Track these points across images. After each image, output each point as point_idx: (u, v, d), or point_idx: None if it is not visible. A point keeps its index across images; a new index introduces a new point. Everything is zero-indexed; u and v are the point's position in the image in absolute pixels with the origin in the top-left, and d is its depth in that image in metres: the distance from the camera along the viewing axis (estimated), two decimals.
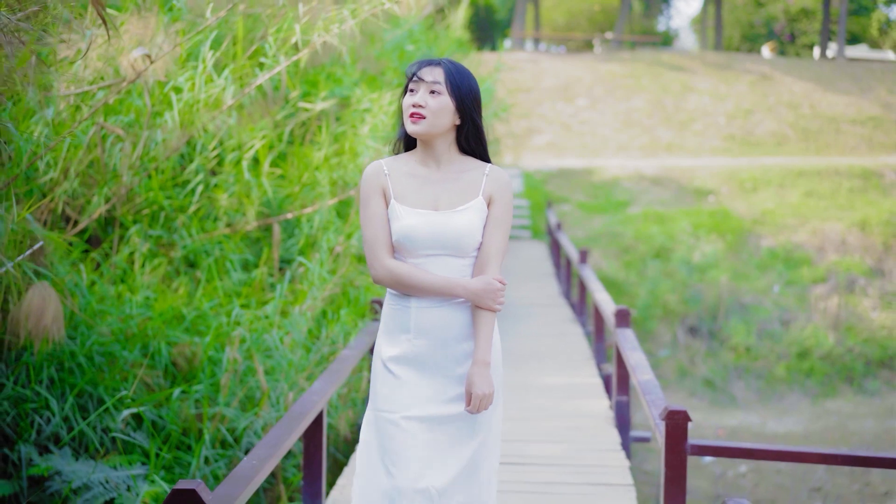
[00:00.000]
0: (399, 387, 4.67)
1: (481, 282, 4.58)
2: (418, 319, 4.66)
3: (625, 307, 9.69)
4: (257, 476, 5.11)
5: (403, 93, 4.72)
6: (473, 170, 4.75)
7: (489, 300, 4.57)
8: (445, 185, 4.71)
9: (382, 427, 4.66)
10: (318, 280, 10.38)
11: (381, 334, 4.82)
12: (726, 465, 18.25)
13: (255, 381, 8.97)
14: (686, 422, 6.01)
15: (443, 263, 4.65)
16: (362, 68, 14.04)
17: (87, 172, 9.76)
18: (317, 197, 11.44)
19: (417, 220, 4.61)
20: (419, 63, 4.70)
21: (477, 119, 4.74)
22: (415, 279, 4.61)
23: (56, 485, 7.61)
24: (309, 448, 6.87)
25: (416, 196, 4.69)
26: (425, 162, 4.74)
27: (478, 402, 4.53)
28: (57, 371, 8.41)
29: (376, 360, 4.78)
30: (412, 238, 4.61)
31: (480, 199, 4.69)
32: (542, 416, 10.11)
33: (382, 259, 4.66)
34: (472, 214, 4.65)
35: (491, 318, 4.63)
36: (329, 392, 6.89)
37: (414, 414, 4.61)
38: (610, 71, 43.81)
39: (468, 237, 4.63)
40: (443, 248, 4.63)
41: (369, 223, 4.70)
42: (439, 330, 4.66)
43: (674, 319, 24.14)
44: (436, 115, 4.61)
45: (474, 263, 4.71)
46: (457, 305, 4.67)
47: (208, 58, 10.40)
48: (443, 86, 4.61)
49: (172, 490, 4.27)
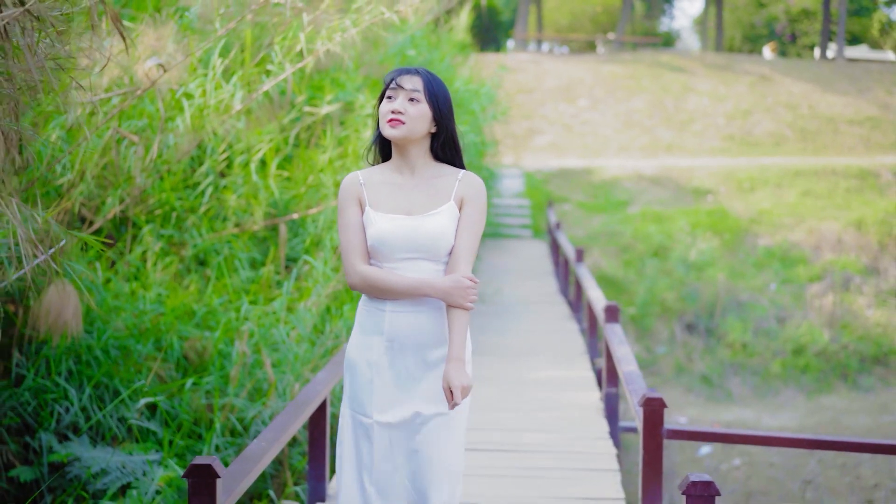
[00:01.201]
0: (370, 391, 4.78)
1: (451, 280, 4.65)
2: (392, 323, 4.75)
3: (614, 303, 10.15)
4: (266, 456, 5.56)
5: (380, 99, 4.81)
6: (446, 176, 4.85)
7: (460, 298, 4.63)
8: (418, 191, 4.81)
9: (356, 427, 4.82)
10: (322, 277, 10.62)
11: (355, 335, 4.92)
12: (720, 458, 18.54)
13: (262, 373, 9.27)
14: (662, 408, 6.48)
15: (417, 267, 4.74)
16: (365, 73, 14.25)
17: (102, 175, 10.10)
18: (321, 198, 11.67)
19: (391, 225, 4.71)
20: (398, 71, 4.77)
21: (452, 127, 4.84)
22: (386, 282, 4.69)
23: (75, 470, 7.90)
24: (314, 433, 7.30)
25: (389, 202, 4.79)
26: (400, 169, 4.84)
27: (458, 394, 4.57)
28: (75, 363, 8.73)
29: (349, 358, 4.89)
30: (386, 242, 4.71)
31: (452, 204, 4.78)
32: (536, 408, 10.51)
33: (356, 265, 4.76)
34: (443, 218, 4.74)
35: (463, 316, 4.67)
36: (332, 382, 7.31)
37: (385, 420, 4.74)
38: (611, 72, 43.69)
39: (440, 240, 4.72)
40: (416, 251, 4.72)
41: (345, 231, 4.81)
42: (412, 334, 4.75)
43: (671, 317, 24.31)
44: (414, 122, 4.70)
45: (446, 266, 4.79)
46: (430, 311, 4.76)
47: (218, 65, 10.76)
48: (421, 94, 4.71)
49: (191, 465, 4.70)
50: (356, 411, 4.81)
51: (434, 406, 4.74)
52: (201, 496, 4.69)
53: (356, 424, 4.81)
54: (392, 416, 4.74)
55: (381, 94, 4.80)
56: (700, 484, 4.68)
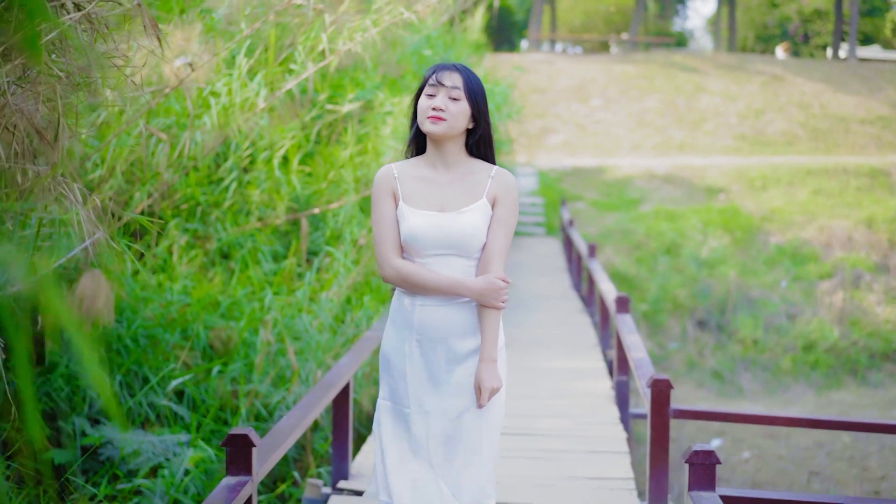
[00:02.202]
0: (404, 381, 4.84)
1: (484, 281, 4.68)
2: (422, 317, 4.78)
3: (624, 294, 10.51)
4: (294, 431, 5.92)
5: (418, 93, 4.84)
6: (479, 172, 4.85)
7: (492, 298, 4.68)
8: (452, 188, 4.82)
9: (388, 418, 4.89)
10: (343, 269, 10.93)
11: (387, 329, 4.99)
12: (730, 451, 18.75)
13: (286, 360, 9.57)
14: (668, 389, 6.83)
15: (448, 263, 4.76)
16: (383, 72, 14.52)
17: (130, 170, 10.43)
18: (342, 193, 11.98)
19: (424, 221, 4.73)
20: (438, 67, 4.79)
21: (488, 124, 4.87)
22: (421, 278, 4.71)
23: (107, 452, 8.24)
24: (337, 414, 7.67)
25: (423, 198, 4.80)
26: (434, 164, 4.85)
27: (487, 396, 4.66)
28: (105, 351, 9.01)
29: (382, 354, 4.97)
30: (418, 238, 4.72)
31: (484, 201, 4.80)
32: (549, 395, 10.85)
33: (390, 259, 4.77)
34: (476, 216, 4.76)
35: (495, 315, 4.73)
36: (354, 366, 7.68)
37: (422, 408, 4.80)
38: (624, 72, 43.77)
39: (472, 237, 4.74)
40: (448, 248, 4.75)
41: (379, 224, 4.82)
42: (442, 328, 4.78)
43: (683, 313, 24.55)
44: (454, 119, 4.72)
45: (478, 263, 4.82)
46: (460, 305, 4.79)
47: (243, 64, 11.09)
48: (462, 91, 4.73)
49: (229, 434, 5.04)
50: (394, 402, 4.87)
51: (466, 399, 4.79)
52: (238, 463, 5.02)
53: (395, 415, 4.87)
54: (427, 404, 4.80)
55: (419, 88, 4.83)
56: (702, 453, 5.02)
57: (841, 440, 19.58)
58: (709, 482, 5.00)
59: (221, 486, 4.87)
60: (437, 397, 4.80)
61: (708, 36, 76.60)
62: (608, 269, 24.59)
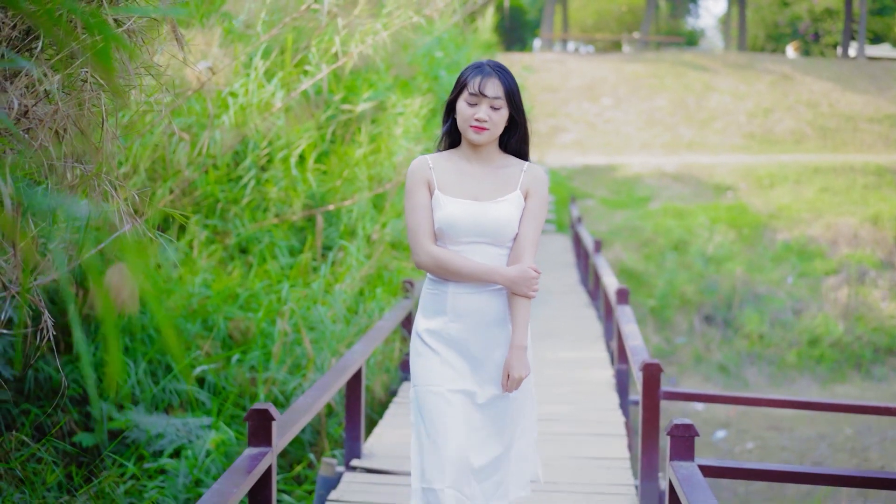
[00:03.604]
0: (440, 363, 4.88)
1: (517, 270, 4.77)
2: (454, 303, 4.88)
3: (624, 287, 10.98)
4: (310, 409, 6.40)
5: (456, 93, 4.90)
6: (512, 166, 4.96)
7: (524, 287, 4.77)
8: (486, 179, 4.92)
9: (426, 400, 4.88)
10: (356, 263, 11.33)
11: (419, 317, 5.04)
12: (734, 442, 19.14)
13: (301, 349, 9.99)
14: (658, 372, 7.31)
15: (481, 251, 4.84)
16: (395, 73, 14.88)
17: (153, 168, 10.87)
18: (355, 190, 12.38)
19: (459, 209, 4.82)
20: (479, 73, 4.83)
21: (525, 124, 4.97)
22: (455, 264, 4.80)
23: (133, 435, 8.69)
24: (350, 397, 8.16)
25: (458, 187, 4.89)
26: (468, 158, 4.95)
27: (515, 384, 4.78)
28: (130, 341, 9.50)
29: (415, 339, 5.02)
30: (453, 225, 4.82)
31: (518, 193, 4.90)
32: (553, 383, 11.26)
33: (426, 245, 4.85)
34: (509, 206, 4.86)
35: (526, 304, 4.83)
36: (367, 352, 8.19)
37: (456, 387, 4.86)
38: (634, 71, 43.95)
39: (505, 226, 4.83)
40: (481, 235, 4.83)
41: (413, 212, 4.90)
42: (474, 314, 4.88)
43: (691, 309, 24.84)
44: (496, 127, 4.83)
45: (510, 253, 4.90)
46: (491, 292, 4.88)
47: (260, 66, 11.52)
48: (503, 100, 4.80)
49: (251, 409, 5.49)
50: (427, 385, 4.90)
51: (497, 386, 4.90)
52: (259, 436, 5.47)
53: (430, 397, 4.88)
54: (462, 384, 4.87)
55: (457, 88, 4.90)
56: (682, 426, 5.48)
57: (843, 432, 19.96)
58: (688, 453, 5.46)
59: (244, 456, 5.32)
60: (471, 380, 4.89)
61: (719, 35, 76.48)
62: (617, 265, 24.89)
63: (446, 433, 4.81)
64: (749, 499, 15.67)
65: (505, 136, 4.99)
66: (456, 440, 4.81)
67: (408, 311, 10.59)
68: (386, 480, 7.83)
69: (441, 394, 4.85)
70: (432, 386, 4.87)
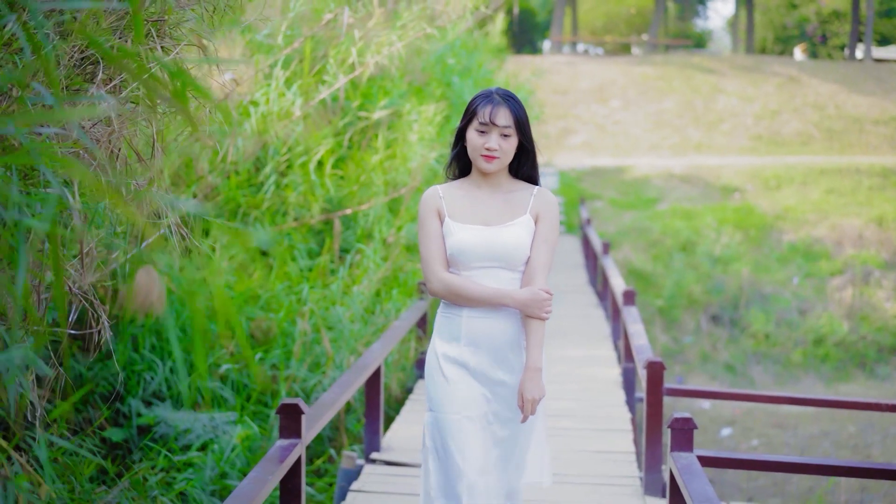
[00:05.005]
0: (454, 390, 4.90)
1: (529, 292, 4.79)
2: (469, 328, 4.90)
3: (631, 288, 11.38)
4: (335, 403, 6.81)
5: (466, 120, 4.94)
6: (522, 190, 5.00)
7: (536, 309, 4.77)
8: (495, 204, 4.95)
9: (444, 426, 4.90)
10: (372, 265, 11.64)
11: (434, 341, 5.07)
12: (739, 439, 19.44)
13: (321, 348, 10.33)
14: (662, 370, 7.73)
15: (494, 275, 4.87)
16: (409, 80, 15.16)
17: (176, 173, 11.23)
18: (372, 195, 12.67)
19: (470, 235, 4.86)
20: (489, 102, 4.88)
21: (533, 150, 5.02)
22: (467, 290, 4.82)
23: (161, 430, 9.09)
24: (370, 393, 8.60)
25: (468, 213, 4.93)
26: (479, 185, 4.99)
27: (530, 406, 4.76)
28: (157, 340, 9.88)
29: (432, 361, 5.04)
30: (465, 251, 4.85)
31: (528, 216, 4.92)
32: (562, 380, 11.65)
33: (438, 272, 4.90)
34: (519, 230, 4.88)
35: (540, 326, 4.82)
36: (385, 352, 8.62)
37: (471, 414, 4.88)
38: (643, 73, 44.31)
39: (517, 250, 4.86)
40: (493, 260, 4.86)
41: (426, 240, 4.94)
42: (488, 338, 4.89)
43: (698, 308, 25.28)
44: (507, 156, 4.88)
45: (522, 276, 4.92)
46: (505, 316, 4.89)
47: (280, 76, 11.87)
48: (513, 129, 4.85)
49: (281, 404, 5.89)
50: (442, 412, 4.93)
51: (511, 408, 4.92)
52: (290, 428, 5.87)
53: (445, 424, 4.91)
54: (475, 410, 4.89)
55: (466, 117, 4.95)
56: (682, 420, 5.89)
57: (846, 430, 20.29)
58: (687, 444, 5.87)
59: (276, 447, 5.72)
60: (485, 405, 4.91)
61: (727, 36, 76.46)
62: (625, 265, 25.21)
63: (464, 459, 4.85)
64: (753, 495, 16.02)
65: (515, 162, 5.03)
66: (474, 464, 4.85)
67: (422, 312, 10.99)
68: (404, 472, 8.24)
69: (458, 421, 4.88)
70: (451, 414, 4.90)
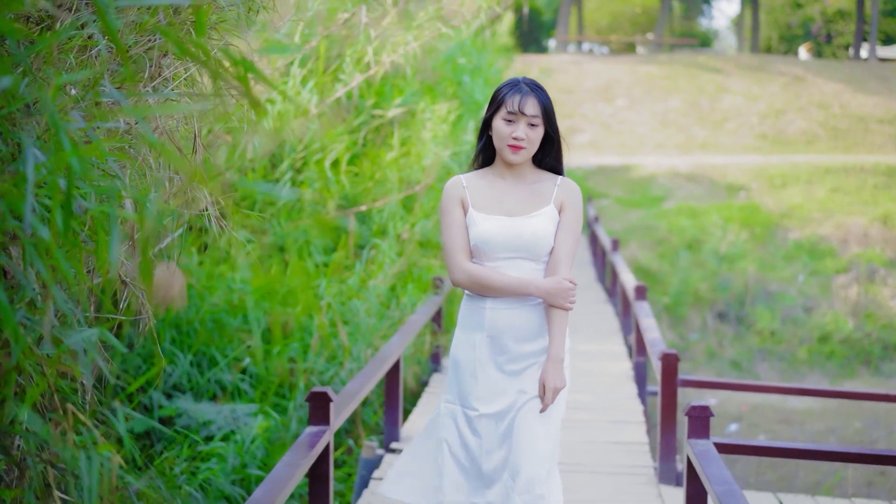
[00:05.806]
0: (475, 384, 4.87)
1: (553, 282, 4.70)
2: (492, 319, 4.84)
3: (642, 284, 11.58)
4: (359, 393, 7.02)
5: (492, 110, 4.86)
6: (546, 180, 4.93)
7: (561, 299, 4.69)
8: (519, 194, 4.88)
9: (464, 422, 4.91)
10: (388, 260, 11.87)
11: (458, 333, 5.03)
12: (746, 433, 19.51)
13: (338, 341, 10.50)
14: (676, 361, 7.93)
15: (517, 266, 4.80)
16: (421, 79, 15.35)
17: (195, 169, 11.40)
18: (386, 192, 12.90)
19: (493, 226, 4.80)
20: (517, 92, 4.81)
21: (559, 140, 4.94)
22: (491, 280, 4.76)
23: (183, 421, 9.28)
24: (389, 385, 8.83)
25: (492, 204, 4.87)
26: (503, 175, 4.92)
27: (551, 396, 4.69)
28: (177, 334, 10.10)
29: (452, 357, 5.04)
30: (489, 242, 4.78)
31: (552, 207, 4.85)
32: (574, 374, 11.56)
33: (461, 263, 4.83)
34: (543, 220, 4.81)
35: (563, 316, 4.75)
36: (404, 344, 8.85)
37: (491, 410, 4.84)
38: (648, 73, 44.33)
39: (541, 240, 4.79)
40: (517, 251, 4.80)
41: (448, 230, 4.88)
42: (511, 329, 4.82)
43: (704, 306, 25.37)
44: (533, 145, 4.80)
45: (546, 267, 4.85)
46: (529, 307, 4.82)
47: (297, 74, 12.05)
48: (540, 118, 4.77)
49: (310, 392, 6.08)
50: (463, 406, 4.92)
51: (531, 394, 4.80)
52: (318, 416, 6.06)
53: (464, 419, 4.92)
54: (496, 406, 4.84)
55: (493, 106, 4.87)
56: (699, 408, 6.07)
57: (852, 426, 20.44)
58: (704, 432, 6.06)
59: (306, 433, 5.91)
60: (505, 397, 4.84)
61: (732, 36, 76.45)
62: (632, 263, 25.28)
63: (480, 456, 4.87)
64: (761, 487, 16.18)
65: (539, 152, 4.95)
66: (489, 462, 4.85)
67: (438, 307, 11.18)
68: None
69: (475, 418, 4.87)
70: (469, 410, 4.90)
